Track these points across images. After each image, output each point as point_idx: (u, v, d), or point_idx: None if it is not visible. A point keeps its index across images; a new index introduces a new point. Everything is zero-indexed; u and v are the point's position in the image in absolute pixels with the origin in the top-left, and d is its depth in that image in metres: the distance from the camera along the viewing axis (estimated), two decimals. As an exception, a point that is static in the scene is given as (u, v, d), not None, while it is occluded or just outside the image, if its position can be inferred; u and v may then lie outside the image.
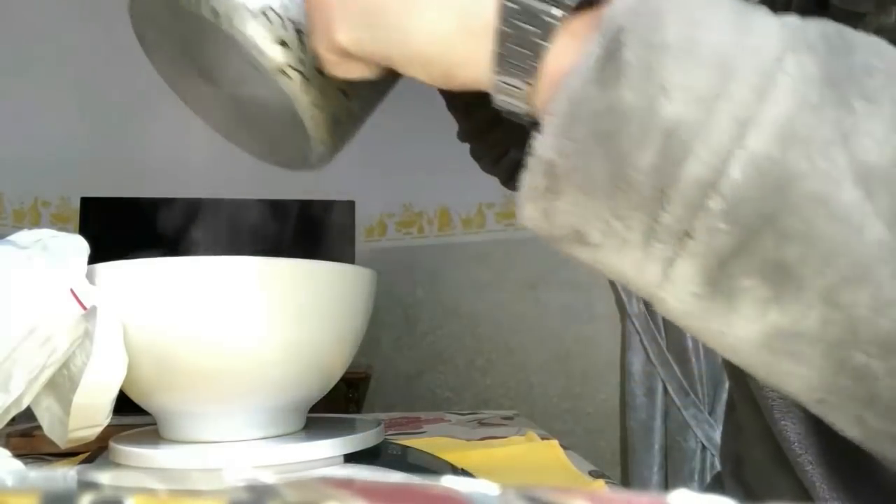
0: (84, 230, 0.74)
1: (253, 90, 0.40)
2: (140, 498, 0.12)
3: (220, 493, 0.12)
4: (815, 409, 0.27)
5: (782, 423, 0.47)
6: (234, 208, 1.50)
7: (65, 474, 0.13)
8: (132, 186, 1.61)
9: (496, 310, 2.07)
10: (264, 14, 0.37)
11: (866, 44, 0.25)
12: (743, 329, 0.26)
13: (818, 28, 0.25)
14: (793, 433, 0.46)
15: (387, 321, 2.14)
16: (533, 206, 0.28)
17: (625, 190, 0.25)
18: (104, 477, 0.13)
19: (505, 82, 0.29)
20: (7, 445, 0.36)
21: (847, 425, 0.26)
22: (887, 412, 0.25)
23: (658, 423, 1.87)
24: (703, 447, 1.81)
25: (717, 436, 1.78)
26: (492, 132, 0.64)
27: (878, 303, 0.23)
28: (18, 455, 0.34)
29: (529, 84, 0.28)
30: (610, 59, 0.25)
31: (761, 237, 0.24)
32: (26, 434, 0.61)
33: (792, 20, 0.25)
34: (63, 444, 0.41)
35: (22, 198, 1.99)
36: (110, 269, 0.41)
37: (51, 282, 0.38)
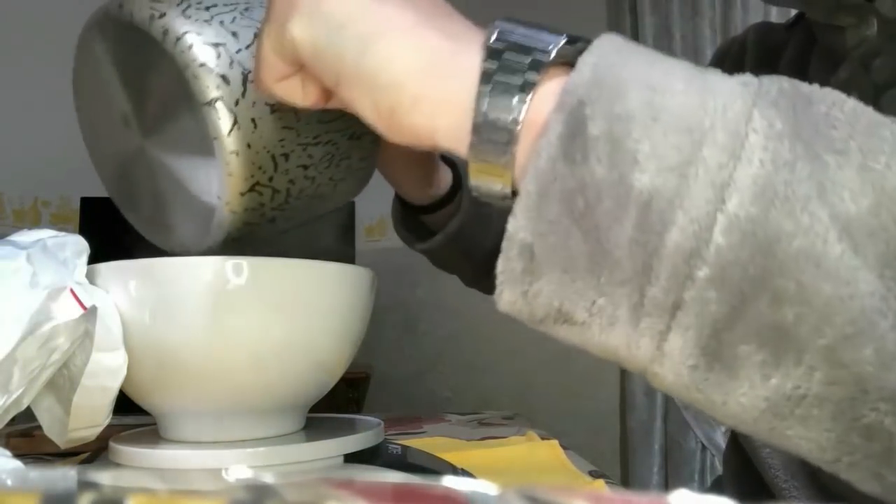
0: (84, 230, 0.74)
1: (175, 136, 0.39)
2: (140, 498, 0.12)
3: (220, 493, 0.12)
4: (829, 469, 0.26)
5: (765, 450, 0.47)
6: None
7: (65, 474, 0.13)
8: (132, 186, 1.61)
9: (496, 310, 2.06)
10: (215, 46, 0.36)
11: (822, 95, 0.25)
12: (745, 397, 0.24)
13: (776, 84, 0.24)
14: (777, 460, 0.46)
15: (387, 321, 2.14)
16: (511, 290, 0.27)
17: (607, 266, 0.24)
18: (104, 477, 0.13)
19: (482, 166, 0.27)
20: (7, 445, 0.36)
21: (865, 483, 0.25)
22: None
23: (658, 423, 1.87)
24: (703, 447, 1.81)
25: (717, 436, 1.78)
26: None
27: (883, 357, 0.22)
28: (18, 455, 0.34)
29: (504, 167, 0.27)
30: (575, 134, 0.24)
31: (754, 301, 0.23)
32: (26, 434, 0.61)
33: (748, 78, 0.25)
34: (63, 444, 0.41)
35: (22, 198, 1.99)
36: (110, 269, 0.41)
37: (51, 282, 0.38)
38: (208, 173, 0.38)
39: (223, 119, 0.35)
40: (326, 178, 0.42)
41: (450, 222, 0.61)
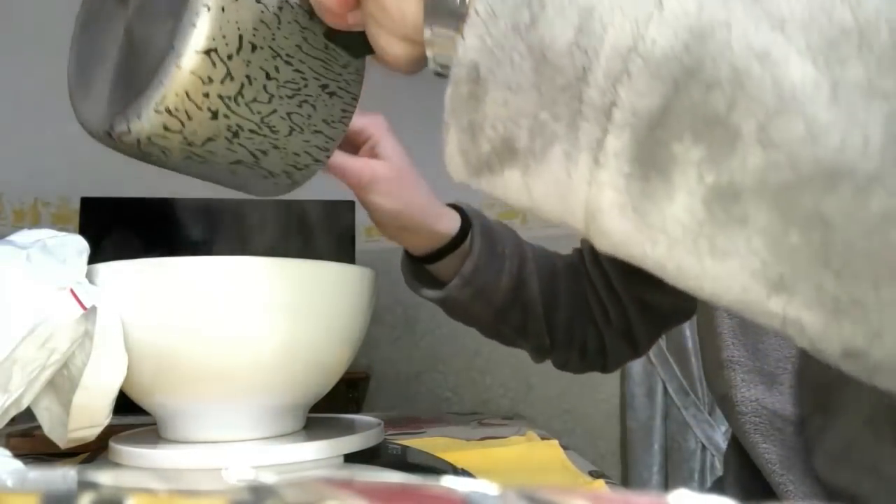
0: (84, 230, 0.74)
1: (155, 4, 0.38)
2: (140, 498, 0.12)
3: (220, 493, 0.12)
4: (774, 305, 0.25)
5: (763, 445, 0.47)
6: (235, 208, 1.51)
7: (65, 474, 0.13)
8: (132, 186, 1.61)
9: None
10: None
11: None
12: (682, 206, 0.25)
13: None
14: (774, 455, 0.46)
15: (387, 321, 2.14)
16: (457, 123, 0.28)
17: (548, 75, 0.26)
18: (104, 477, 0.13)
19: (437, 33, 0.30)
20: (7, 445, 0.36)
21: (806, 310, 0.25)
22: (845, 268, 0.24)
23: (658, 423, 1.87)
24: (703, 447, 1.81)
25: (717, 436, 1.78)
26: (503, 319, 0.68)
27: (815, 133, 0.23)
28: (18, 455, 0.34)
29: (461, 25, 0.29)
30: None
31: (686, 91, 0.24)
32: (26, 434, 0.61)
33: None
34: (63, 444, 0.41)
35: (22, 198, 1.99)
36: (110, 269, 0.41)
37: (51, 282, 0.38)
38: (172, 34, 0.37)
39: None
40: (284, 111, 0.41)
41: (464, 264, 0.63)
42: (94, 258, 0.42)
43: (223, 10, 0.36)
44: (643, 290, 0.69)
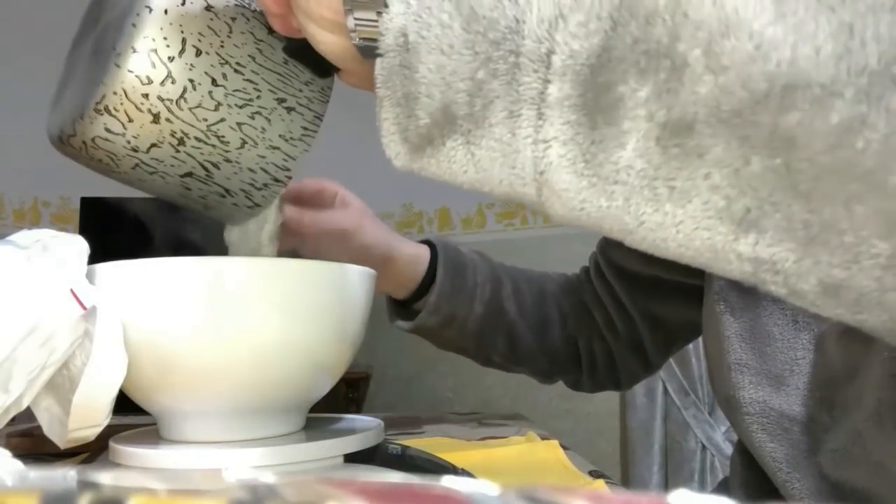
0: (84, 230, 0.74)
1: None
2: (140, 498, 0.12)
3: (220, 493, 0.12)
4: (743, 247, 0.24)
5: (769, 445, 0.47)
6: (234, 208, 1.50)
7: (65, 474, 0.13)
8: (132, 186, 1.61)
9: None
10: None
11: None
12: (635, 150, 0.24)
13: None
14: (781, 454, 0.46)
15: (387, 321, 2.14)
16: (391, 99, 0.27)
17: (480, 32, 0.25)
18: (104, 477, 0.13)
19: (359, 18, 0.28)
20: (7, 445, 0.36)
21: (777, 245, 0.24)
22: (813, 189, 0.22)
23: (658, 423, 1.87)
24: (703, 447, 1.81)
25: (717, 436, 1.78)
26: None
27: (763, 47, 0.22)
28: (18, 455, 0.34)
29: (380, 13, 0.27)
30: None
31: (625, 27, 0.23)
32: (26, 434, 0.60)
33: None
34: (63, 444, 0.41)
35: (22, 198, 1.99)
36: (110, 269, 0.41)
37: (51, 282, 0.38)
38: (117, 37, 0.37)
39: None
40: (234, 120, 0.40)
41: (430, 295, 0.66)
42: (94, 258, 0.42)
43: (166, 12, 0.36)
44: (650, 303, 0.69)
